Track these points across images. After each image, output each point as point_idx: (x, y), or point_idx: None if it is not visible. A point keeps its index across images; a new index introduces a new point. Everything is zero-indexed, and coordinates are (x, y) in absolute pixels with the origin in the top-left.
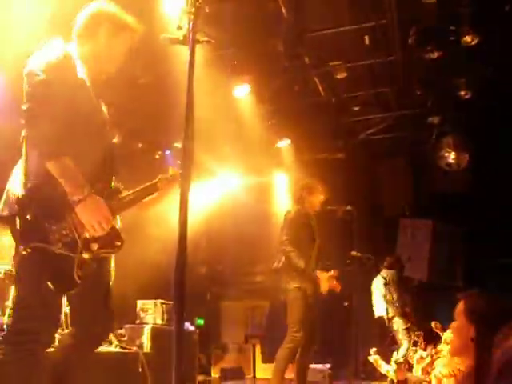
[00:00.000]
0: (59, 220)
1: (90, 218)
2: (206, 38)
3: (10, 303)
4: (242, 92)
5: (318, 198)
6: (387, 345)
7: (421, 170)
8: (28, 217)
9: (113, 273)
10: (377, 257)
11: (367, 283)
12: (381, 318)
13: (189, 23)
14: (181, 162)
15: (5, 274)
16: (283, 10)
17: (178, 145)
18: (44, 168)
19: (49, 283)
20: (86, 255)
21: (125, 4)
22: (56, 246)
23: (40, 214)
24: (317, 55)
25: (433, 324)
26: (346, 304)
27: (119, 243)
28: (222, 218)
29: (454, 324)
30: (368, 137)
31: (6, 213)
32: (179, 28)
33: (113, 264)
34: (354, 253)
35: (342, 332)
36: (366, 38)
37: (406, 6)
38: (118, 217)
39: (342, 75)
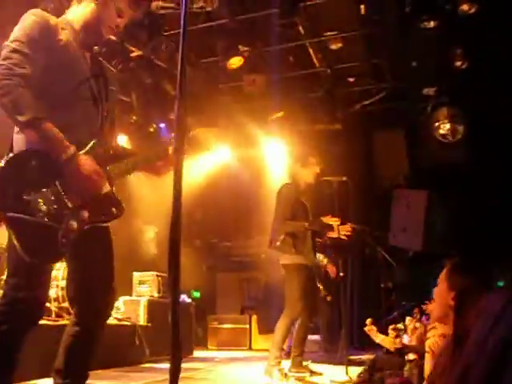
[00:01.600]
0: (40, 190)
1: (79, 177)
2: (200, 5)
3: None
4: (236, 62)
5: (313, 170)
6: (383, 315)
7: (417, 142)
8: (6, 188)
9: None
10: (372, 228)
11: (362, 254)
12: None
13: None
14: (174, 135)
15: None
16: None
17: (173, 117)
18: (24, 137)
19: (26, 253)
20: (73, 224)
21: None
22: (36, 215)
23: (19, 185)
24: (312, 25)
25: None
26: (342, 274)
27: (116, 210)
28: (217, 191)
29: (436, 289)
30: (364, 108)
31: None
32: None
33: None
34: (350, 224)
35: (337, 302)
36: (362, 7)
37: None
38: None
39: (337, 46)
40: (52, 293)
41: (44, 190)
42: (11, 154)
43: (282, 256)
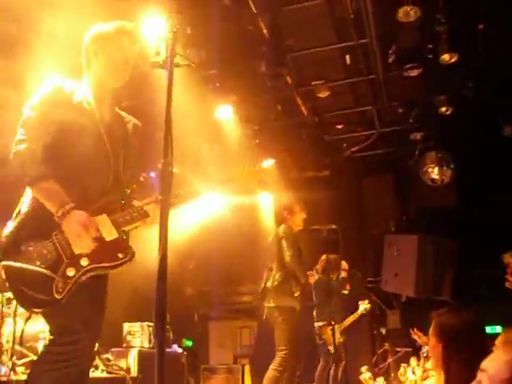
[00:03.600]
0: (39, 240)
1: (72, 232)
2: (186, 62)
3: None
4: (226, 113)
5: (300, 217)
6: (376, 362)
7: (406, 186)
8: (7, 240)
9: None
10: (364, 273)
11: (354, 300)
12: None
13: (167, 48)
14: (160, 184)
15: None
16: (264, 31)
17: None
18: (29, 193)
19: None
20: (70, 272)
21: None
22: (33, 263)
23: (21, 238)
24: (299, 75)
25: (412, 332)
26: (333, 323)
27: (123, 255)
28: (208, 239)
29: (429, 343)
30: (353, 154)
31: None
32: (157, 53)
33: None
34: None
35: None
36: (347, 57)
37: (384, 25)
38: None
39: (324, 94)
40: (41, 347)
41: (43, 240)
42: (17, 213)
43: (276, 298)
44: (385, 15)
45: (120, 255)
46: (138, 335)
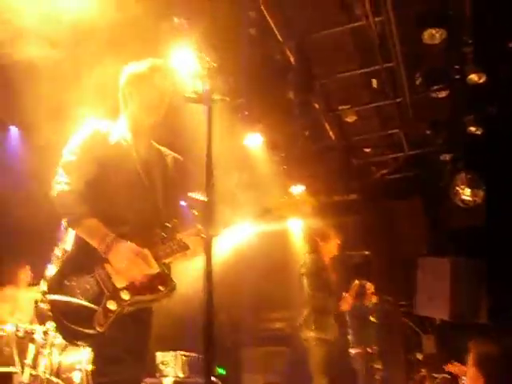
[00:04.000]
0: (81, 276)
1: (117, 264)
2: (220, 97)
3: (28, 361)
4: (254, 140)
5: (334, 243)
6: None
7: (437, 208)
8: (52, 278)
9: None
10: (397, 298)
11: (387, 327)
12: None
13: (204, 85)
14: (203, 216)
15: (25, 333)
16: (290, 59)
17: (193, 195)
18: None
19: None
20: (112, 305)
21: None
22: (75, 297)
23: (64, 273)
24: (326, 100)
25: (449, 365)
26: (369, 350)
27: (164, 288)
28: (239, 266)
29: (467, 374)
30: (381, 177)
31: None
32: (194, 92)
33: None
34: (384, 297)
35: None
36: (374, 81)
37: (410, 48)
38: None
39: (351, 118)
40: (77, 378)
41: (86, 275)
42: (61, 252)
43: (306, 330)
44: (410, 37)
45: (161, 288)
46: (172, 365)
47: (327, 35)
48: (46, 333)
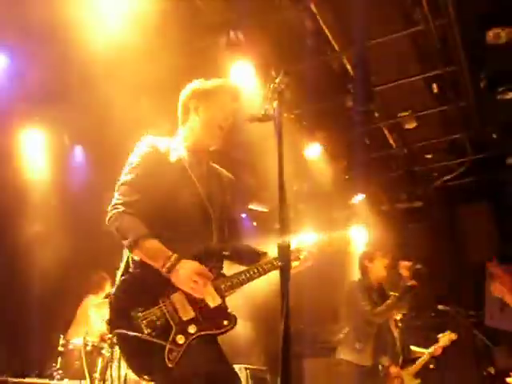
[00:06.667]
0: (147, 307)
1: (184, 282)
2: (287, 115)
3: (97, 375)
4: (315, 151)
5: (381, 263)
6: None
7: (505, 213)
8: (116, 306)
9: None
10: (464, 308)
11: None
12: None
13: (272, 105)
14: (278, 251)
15: (93, 346)
16: (348, 68)
17: (253, 207)
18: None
19: (132, 370)
20: (181, 340)
21: None
22: (143, 332)
23: (129, 304)
24: (385, 108)
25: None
26: (432, 367)
27: (228, 323)
28: (301, 276)
29: None
30: (445, 183)
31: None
32: (265, 115)
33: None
34: (441, 307)
35: None
36: (434, 85)
37: (473, 49)
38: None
39: (411, 125)
40: None
41: (151, 306)
42: (125, 276)
43: (341, 350)
44: (473, 39)
45: (225, 322)
46: None
47: (385, 42)
48: (113, 346)
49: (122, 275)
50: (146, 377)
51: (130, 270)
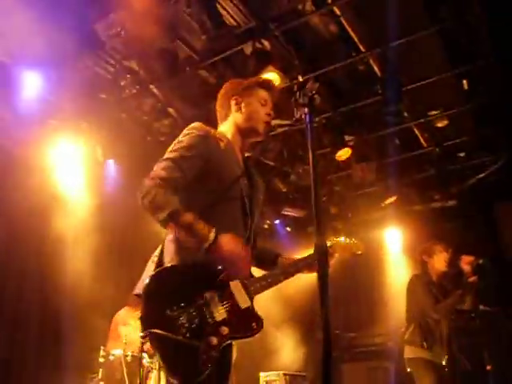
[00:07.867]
0: (184, 306)
1: (228, 255)
2: (318, 119)
3: None
4: (345, 153)
5: (441, 258)
6: None
7: None
8: (151, 304)
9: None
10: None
11: (500, 340)
12: None
13: (303, 111)
14: (318, 260)
15: (132, 357)
16: (376, 70)
17: (286, 212)
18: (176, 250)
19: (168, 372)
20: (214, 340)
21: None
22: (178, 332)
23: (163, 301)
24: (415, 107)
25: None
26: (470, 368)
27: (256, 325)
28: (336, 280)
29: None
30: (480, 181)
31: (136, 291)
32: (297, 120)
33: None
34: (482, 307)
35: None
36: (465, 82)
37: (504, 45)
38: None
39: (442, 123)
40: None
41: (187, 305)
42: (157, 269)
43: (407, 349)
44: (503, 31)
45: (254, 325)
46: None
47: (413, 40)
48: (152, 356)
49: (156, 268)
50: (181, 379)
51: (167, 258)
